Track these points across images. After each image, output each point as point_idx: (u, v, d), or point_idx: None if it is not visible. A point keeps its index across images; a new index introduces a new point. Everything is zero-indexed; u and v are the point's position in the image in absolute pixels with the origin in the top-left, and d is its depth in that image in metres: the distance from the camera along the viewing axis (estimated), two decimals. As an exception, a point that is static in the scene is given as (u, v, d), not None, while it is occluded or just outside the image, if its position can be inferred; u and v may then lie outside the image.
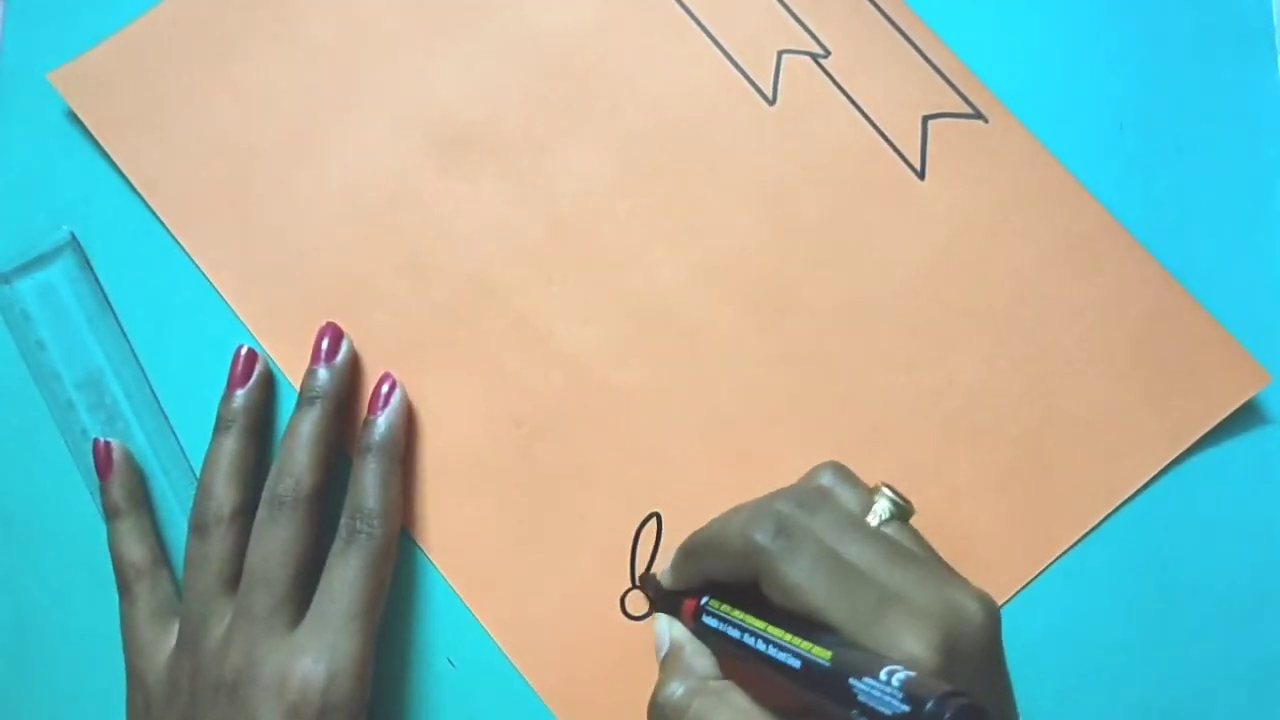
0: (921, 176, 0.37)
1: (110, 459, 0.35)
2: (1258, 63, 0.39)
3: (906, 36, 0.38)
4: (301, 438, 0.33)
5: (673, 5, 0.39)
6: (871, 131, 0.37)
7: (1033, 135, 0.37)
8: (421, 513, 0.35)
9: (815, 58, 0.38)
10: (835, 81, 0.38)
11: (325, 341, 0.35)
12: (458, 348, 0.36)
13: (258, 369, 0.36)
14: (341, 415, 0.35)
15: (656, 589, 0.32)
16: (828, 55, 0.38)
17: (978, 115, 0.38)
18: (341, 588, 0.32)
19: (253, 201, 0.38)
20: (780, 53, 0.38)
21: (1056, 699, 0.34)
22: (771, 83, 0.38)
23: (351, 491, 0.33)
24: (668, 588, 0.32)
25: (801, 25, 0.38)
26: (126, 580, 0.34)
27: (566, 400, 0.36)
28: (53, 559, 0.36)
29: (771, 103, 0.38)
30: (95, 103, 0.38)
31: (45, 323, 0.37)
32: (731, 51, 0.38)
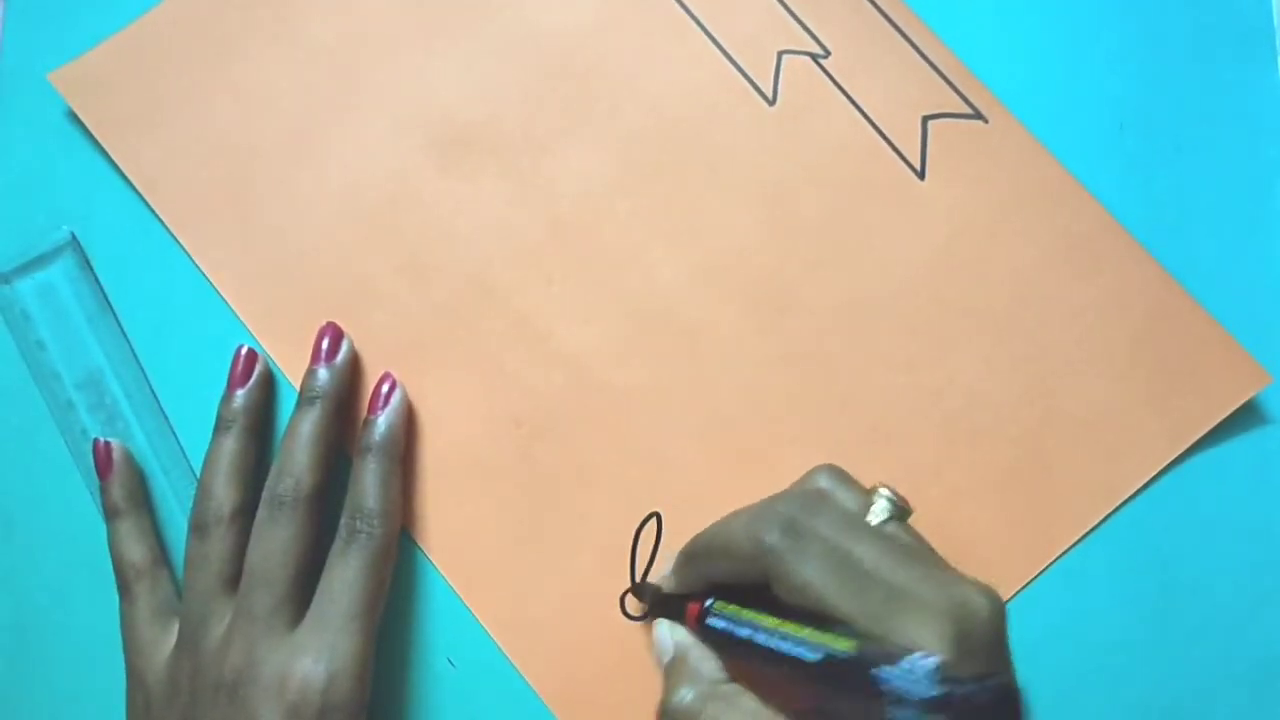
0: (921, 176, 0.37)
1: (110, 459, 0.35)
2: (1258, 63, 0.39)
3: (906, 36, 0.38)
4: (301, 438, 0.33)
5: (673, 5, 0.39)
6: (871, 131, 0.37)
7: (1033, 135, 0.37)
8: (421, 513, 0.35)
9: (815, 58, 0.38)
10: (835, 81, 0.38)
11: (325, 341, 0.35)
12: (458, 348, 0.36)
13: (258, 369, 0.36)
14: (341, 415, 0.35)
15: (654, 595, 0.32)
16: (828, 55, 0.38)
17: (978, 115, 0.38)
18: (341, 588, 0.32)
19: (253, 201, 0.38)
20: (780, 53, 0.38)
21: (1057, 698, 0.34)
22: (771, 83, 0.38)
23: (351, 491, 0.33)
24: (670, 591, 0.32)
25: (801, 25, 0.38)
26: (126, 580, 0.34)
27: (566, 400, 0.36)
28: (53, 559, 0.36)
29: (771, 103, 0.38)
30: (95, 103, 0.38)
31: (45, 323, 0.37)
32: (731, 51, 0.38)
